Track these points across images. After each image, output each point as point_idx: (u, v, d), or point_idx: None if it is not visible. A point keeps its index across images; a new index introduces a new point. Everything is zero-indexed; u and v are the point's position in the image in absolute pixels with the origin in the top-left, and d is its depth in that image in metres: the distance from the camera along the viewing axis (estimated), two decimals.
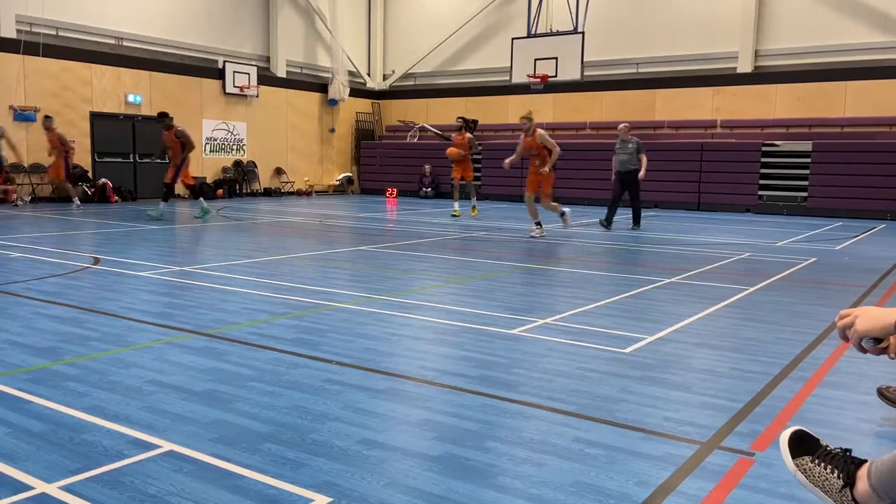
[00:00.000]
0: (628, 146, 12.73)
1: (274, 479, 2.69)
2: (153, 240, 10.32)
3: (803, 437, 2.30)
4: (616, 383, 3.93)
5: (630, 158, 12.73)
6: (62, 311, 5.48)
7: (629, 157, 12.72)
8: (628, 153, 12.72)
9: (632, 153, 12.73)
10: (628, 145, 12.73)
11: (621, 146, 12.81)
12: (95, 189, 17.42)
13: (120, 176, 18.34)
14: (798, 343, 4.88)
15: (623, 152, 12.77)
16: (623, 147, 12.78)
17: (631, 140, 12.74)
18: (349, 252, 9.44)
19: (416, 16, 24.25)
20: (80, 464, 2.78)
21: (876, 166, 16.61)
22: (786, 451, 2.28)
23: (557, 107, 21.58)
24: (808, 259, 9.25)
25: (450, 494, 2.60)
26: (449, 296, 6.46)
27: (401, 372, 4.10)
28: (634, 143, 12.74)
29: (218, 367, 4.10)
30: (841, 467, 2.20)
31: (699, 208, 18.64)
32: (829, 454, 2.24)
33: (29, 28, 16.54)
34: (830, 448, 2.27)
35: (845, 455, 2.23)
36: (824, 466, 2.22)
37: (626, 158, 12.74)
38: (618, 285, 7.11)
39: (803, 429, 2.34)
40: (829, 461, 2.22)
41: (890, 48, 17.21)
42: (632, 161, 12.73)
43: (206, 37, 20.19)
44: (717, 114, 19.37)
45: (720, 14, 19.00)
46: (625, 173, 12.81)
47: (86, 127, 17.70)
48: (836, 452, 2.24)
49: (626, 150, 12.74)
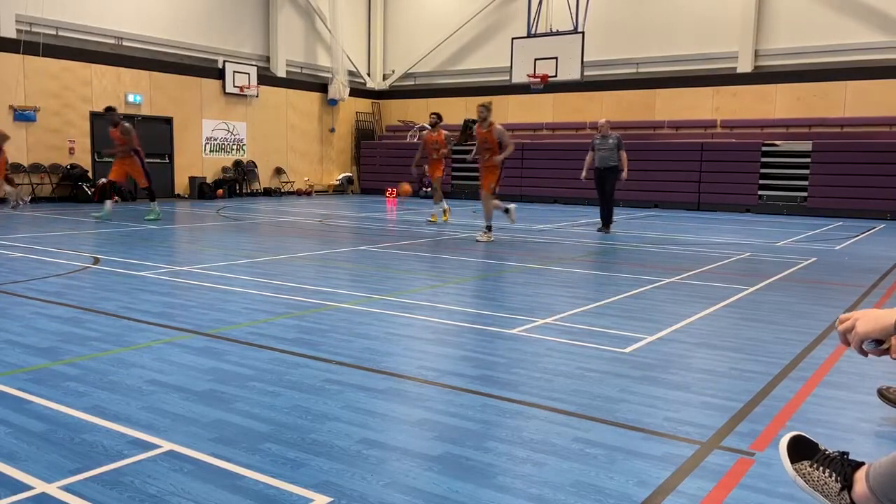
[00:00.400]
0: (608, 142, 12.34)
1: (274, 479, 2.69)
2: (153, 240, 10.32)
3: (802, 442, 2.32)
4: (616, 383, 3.93)
5: (610, 155, 12.31)
6: (62, 311, 5.48)
7: (609, 153, 12.31)
8: (608, 149, 12.33)
9: (612, 149, 12.31)
10: (608, 141, 12.34)
11: (601, 142, 12.41)
12: (95, 189, 17.42)
13: None
14: (798, 343, 4.89)
15: (603, 148, 12.37)
16: (603, 142, 12.37)
17: (611, 136, 12.38)
18: (349, 252, 9.44)
19: (416, 16, 24.25)
20: (80, 464, 2.78)
21: (876, 166, 16.62)
22: (785, 457, 2.30)
23: (557, 107, 21.58)
24: (808, 259, 9.26)
25: (450, 494, 2.60)
26: (449, 296, 6.46)
27: (401, 372, 4.10)
28: (615, 140, 12.35)
29: (218, 367, 4.10)
30: (838, 470, 2.21)
31: (699, 208, 18.64)
32: (826, 458, 2.26)
33: (29, 28, 16.54)
34: (828, 452, 2.28)
35: (842, 458, 2.25)
36: (822, 470, 2.23)
37: (606, 155, 12.32)
38: (618, 285, 7.11)
39: (802, 434, 2.35)
40: (827, 465, 2.24)
41: (890, 48, 17.21)
42: (611, 157, 12.31)
43: (206, 37, 20.19)
44: (717, 114, 19.37)
45: (720, 14, 19.00)
46: (603, 170, 12.41)
47: (86, 127, 17.69)
48: (833, 456, 2.26)
49: (605, 146, 12.35)
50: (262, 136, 21.80)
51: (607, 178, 12.44)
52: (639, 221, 15.09)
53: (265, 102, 21.68)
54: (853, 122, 17.64)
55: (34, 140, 16.64)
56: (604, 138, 12.42)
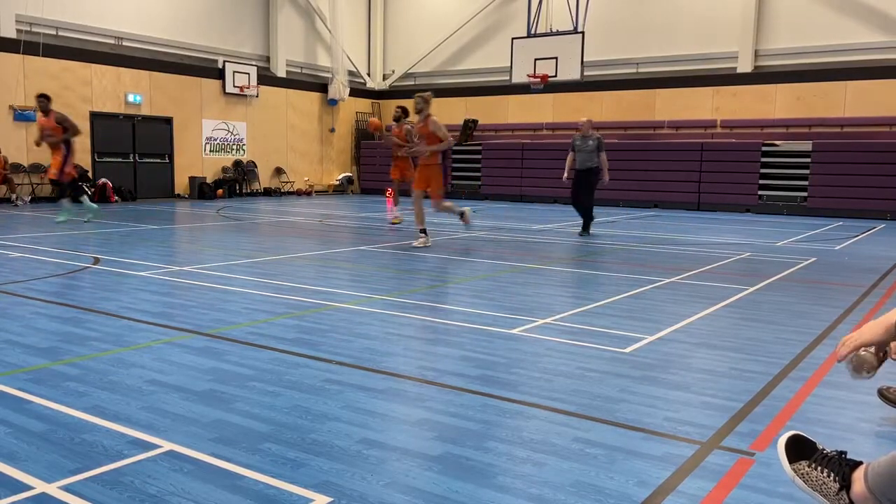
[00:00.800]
0: (589, 143, 11.89)
1: (274, 479, 2.69)
2: (153, 240, 10.32)
3: (800, 442, 2.32)
4: (616, 383, 3.93)
5: (590, 156, 11.87)
6: (62, 311, 5.48)
7: (589, 154, 11.87)
8: (589, 150, 11.87)
9: (592, 150, 11.87)
10: (589, 142, 11.89)
11: (581, 143, 11.94)
12: (95, 189, 17.43)
13: (120, 176, 18.35)
14: (798, 343, 4.89)
15: (584, 150, 11.90)
16: (584, 143, 11.93)
17: (592, 136, 11.93)
18: (349, 252, 9.44)
19: (416, 16, 24.25)
20: (80, 464, 2.78)
21: (876, 166, 16.62)
22: (783, 457, 2.31)
23: (557, 107, 21.58)
24: (808, 259, 9.26)
25: (450, 494, 2.60)
26: (449, 296, 6.46)
27: (401, 372, 4.10)
28: (595, 140, 11.90)
29: (218, 367, 4.10)
30: (837, 470, 2.22)
31: (699, 208, 18.64)
32: (825, 458, 2.26)
33: (29, 28, 16.54)
34: (827, 451, 2.28)
35: (840, 458, 2.25)
36: (821, 470, 2.23)
37: (587, 156, 11.89)
38: (618, 285, 7.11)
39: (800, 433, 2.35)
40: (826, 465, 2.24)
41: (890, 48, 17.21)
42: (591, 159, 11.88)
43: (206, 37, 20.19)
44: (717, 114, 19.37)
45: (720, 14, 19.00)
46: (583, 171, 11.94)
47: (86, 127, 17.68)
48: (832, 456, 2.26)
49: (586, 147, 11.89)
50: (262, 136, 21.81)
51: (587, 179, 11.99)
52: (639, 221, 15.08)
53: (265, 102, 21.68)
54: (853, 122, 17.64)
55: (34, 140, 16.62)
56: (584, 139, 11.95)
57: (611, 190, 19.60)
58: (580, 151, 12.00)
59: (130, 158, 18.78)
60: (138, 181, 18.88)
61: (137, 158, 18.87)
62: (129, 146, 18.68)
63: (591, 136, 11.98)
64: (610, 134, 20.59)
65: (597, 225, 13.32)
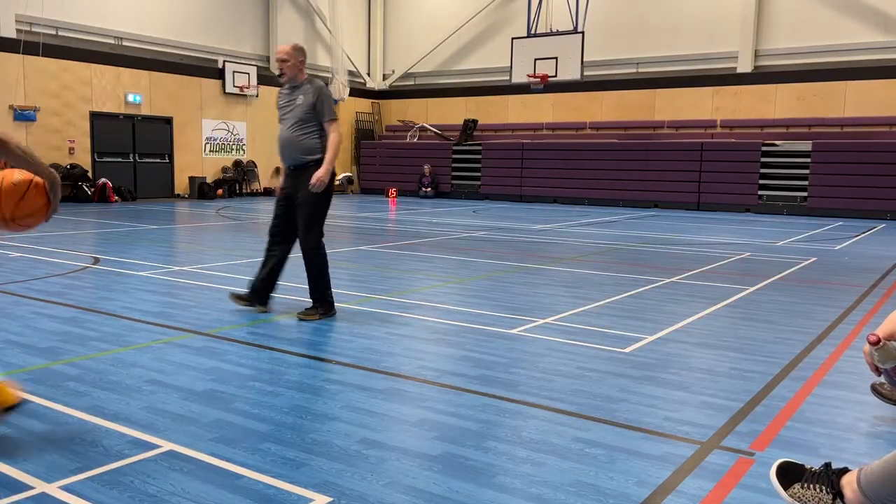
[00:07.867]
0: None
1: (274, 479, 2.69)
2: (153, 240, 10.32)
3: (789, 468, 2.46)
4: (616, 383, 3.93)
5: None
6: (62, 311, 5.48)
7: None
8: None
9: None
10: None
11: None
12: (95, 189, 17.43)
13: (120, 176, 18.33)
14: (798, 343, 4.89)
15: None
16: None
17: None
18: (349, 252, 9.44)
19: (416, 16, 24.25)
20: (80, 464, 2.78)
21: (876, 166, 16.62)
22: (777, 486, 2.44)
23: (557, 107, 21.58)
24: (808, 259, 9.26)
25: (450, 494, 2.60)
26: (449, 296, 6.46)
27: (401, 372, 4.10)
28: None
29: (218, 367, 4.10)
30: (826, 482, 2.34)
31: (699, 208, 18.64)
32: (813, 475, 2.41)
33: (29, 28, 16.54)
34: (813, 469, 2.41)
35: (827, 470, 2.39)
36: (814, 487, 2.37)
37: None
38: (618, 285, 7.11)
39: (787, 459, 2.49)
40: (816, 481, 2.38)
41: (890, 48, 17.21)
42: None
43: (206, 36, 20.18)
44: (717, 114, 19.37)
45: (720, 14, 19.00)
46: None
47: (86, 127, 17.69)
48: (818, 471, 2.40)
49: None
50: (261, 136, 21.79)
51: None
52: (639, 221, 15.08)
53: (265, 102, 21.65)
54: (853, 122, 17.64)
55: (34, 140, 16.61)
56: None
57: (611, 190, 19.70)
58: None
59: (130, 158, 18.77)
60: (138, 181, 18.87)
61: (137, 158, 18.86)
62: (128, 146, 18.66)
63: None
64: (610, 134, 20.62)
65: (597, 225, 13.32)
